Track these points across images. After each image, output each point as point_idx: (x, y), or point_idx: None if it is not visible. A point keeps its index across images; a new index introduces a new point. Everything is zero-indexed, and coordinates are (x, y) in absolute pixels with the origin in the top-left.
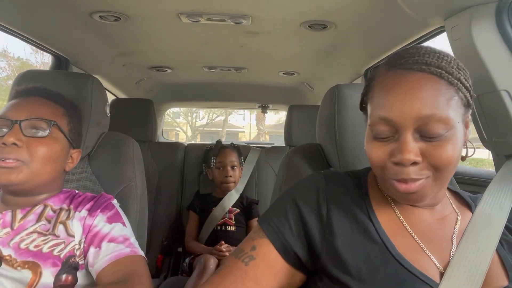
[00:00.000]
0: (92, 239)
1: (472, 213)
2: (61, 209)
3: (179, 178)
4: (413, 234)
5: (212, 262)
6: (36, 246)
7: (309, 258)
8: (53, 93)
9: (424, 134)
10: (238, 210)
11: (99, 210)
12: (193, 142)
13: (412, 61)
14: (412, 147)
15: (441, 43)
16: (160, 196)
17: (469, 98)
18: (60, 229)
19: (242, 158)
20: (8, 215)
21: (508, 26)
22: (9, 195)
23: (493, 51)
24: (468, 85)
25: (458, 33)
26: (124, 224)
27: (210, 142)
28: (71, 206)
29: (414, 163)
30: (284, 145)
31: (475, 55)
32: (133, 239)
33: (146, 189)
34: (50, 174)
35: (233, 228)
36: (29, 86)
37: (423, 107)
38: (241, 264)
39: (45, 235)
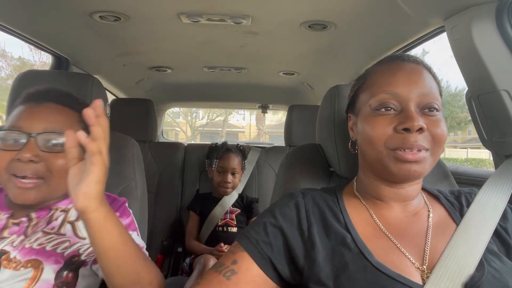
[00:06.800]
0: None
1: (442, 204)
2: (70, 209)
3: (179, 178)
4: (389, 234)
5: (212, 262)
6: (39, 245)
7: (291, 273)
8: (67, 96)
9: (425, 107)
10: (239, 210)
11: (117, 214)
12: (193, 142)
13: (403, 57)
14: (418, 117)
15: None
16: (160, 196)
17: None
18: (67, 228)
19: (245, 162)
20: (23, 224)
21: (508, 26)
22: None
23: (493, 51)
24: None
25: (458, 33)
26: (138, 234)
27: (210, 142)
28: None
29: (420, 130)
30: (284, 145)
31: (475, 55)
32: (145, 250)
33: (146, 189)
34: (67, 186)
35: (234, 229)
36: (41, 89)
37: (424, 86)
38: (223, 278)
39: (49, 233)
